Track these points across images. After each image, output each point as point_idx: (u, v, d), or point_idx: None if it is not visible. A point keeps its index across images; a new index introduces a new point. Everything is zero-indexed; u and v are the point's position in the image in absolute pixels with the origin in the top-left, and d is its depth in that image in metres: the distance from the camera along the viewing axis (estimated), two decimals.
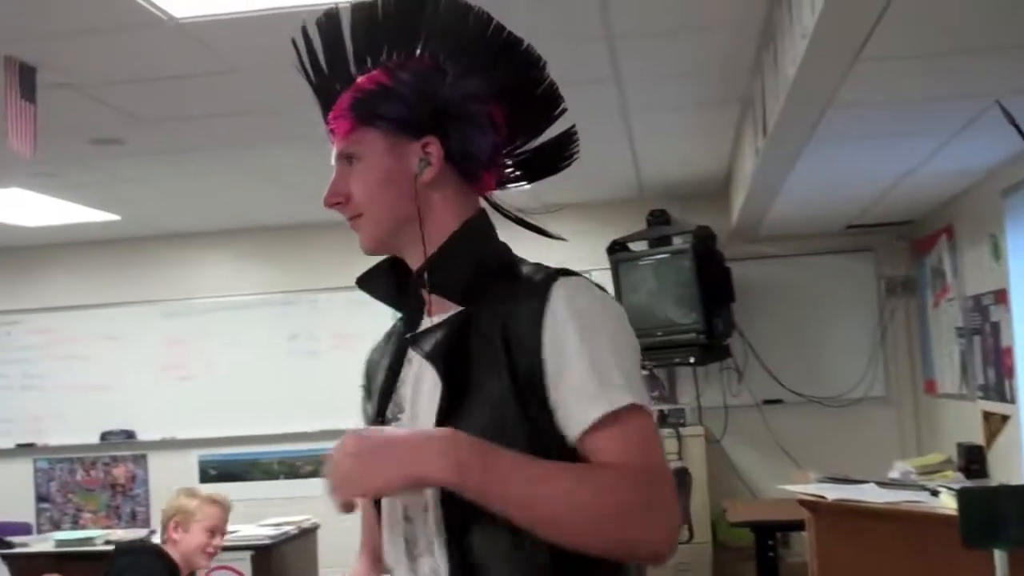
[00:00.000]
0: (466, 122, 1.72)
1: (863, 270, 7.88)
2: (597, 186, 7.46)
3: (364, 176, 1.74)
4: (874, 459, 6.68)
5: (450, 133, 1.71)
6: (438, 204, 1.74)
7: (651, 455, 1.55)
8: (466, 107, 1.71)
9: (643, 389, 1.59)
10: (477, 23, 1.75)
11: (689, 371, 7.84)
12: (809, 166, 5.14)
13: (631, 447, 1.54)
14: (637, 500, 1.50)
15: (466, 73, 1.72)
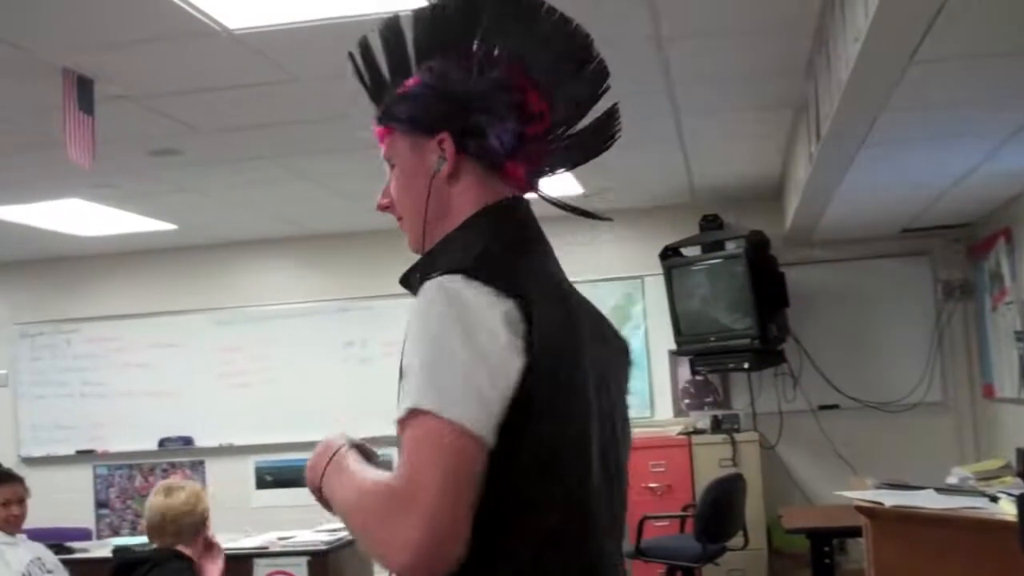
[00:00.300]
0: (485, 113, 1.68)
1: (919, 274, 7.80)
2: (649, 191, 7.46)
3: (397, 178, 1.77)
4: (932, 465, 6.60)
5: (466, 126, 1.69)
6: (457, 198, 1.71)
7: (411, 467, 1.44)
8: (490, 98, 1.68)
9: (442, 389, 1.45)
10: (529, 8, 1.73)
11: (743, 377, 7.80)
12: (863, 170, 5.10)
13: (402, 457, 1.46)
14: (372, 521, 1.48)
15: (508, 60, 1.70)
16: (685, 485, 7.28)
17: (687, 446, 7.37)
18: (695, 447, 7.37)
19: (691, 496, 7.10)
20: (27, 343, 8.85)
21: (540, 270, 1.67)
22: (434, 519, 1.40)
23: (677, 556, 6.49)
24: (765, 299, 7.11)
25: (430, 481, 1.41)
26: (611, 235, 8.02)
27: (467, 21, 1.73)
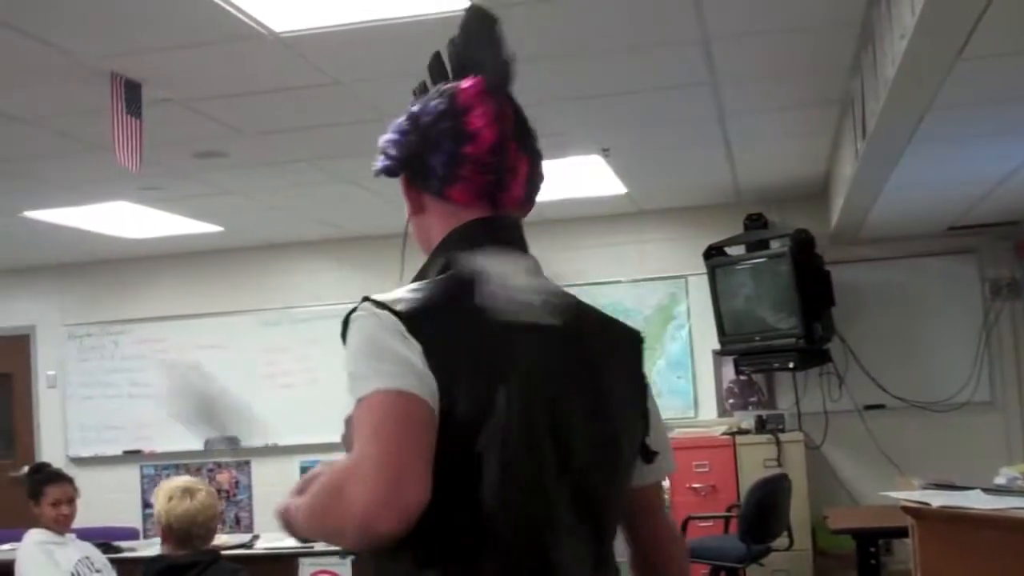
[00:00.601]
0: (424, 145, 1.79)
1: (966, 272, 7.72)
2: (694, 191, 7.45)
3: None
4: (980, 465, 6.53)
5: (416, 162, 1.81)
6: (431, 231, 1.86)
7: (353, 450, 1.54)
8: (430, 130, 1.78)
9: (365, 376, 1.57)
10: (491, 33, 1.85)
11: (788, 376, 7.76)
12: (910, 167, 5.06)
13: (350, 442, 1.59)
14: (317, 505, 1.59)
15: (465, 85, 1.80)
16: (730, 485, 7.25)
17: (731, 446, 7.34)
18: (739, 447, 7.34)
19: (735, 496, 7.08)
20: (75, 344, 8.96)
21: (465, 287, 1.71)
22: (358, 494, 1.46)
23: (721, 556, 6.47)
24: (810, 298, 7.06)
25: (367, 442, 1.51)
26: (656, 235, 8.02)
27: (440, 62, 1.89)
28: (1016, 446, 7.59)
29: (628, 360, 1.82)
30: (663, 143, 6.07)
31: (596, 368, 1.74)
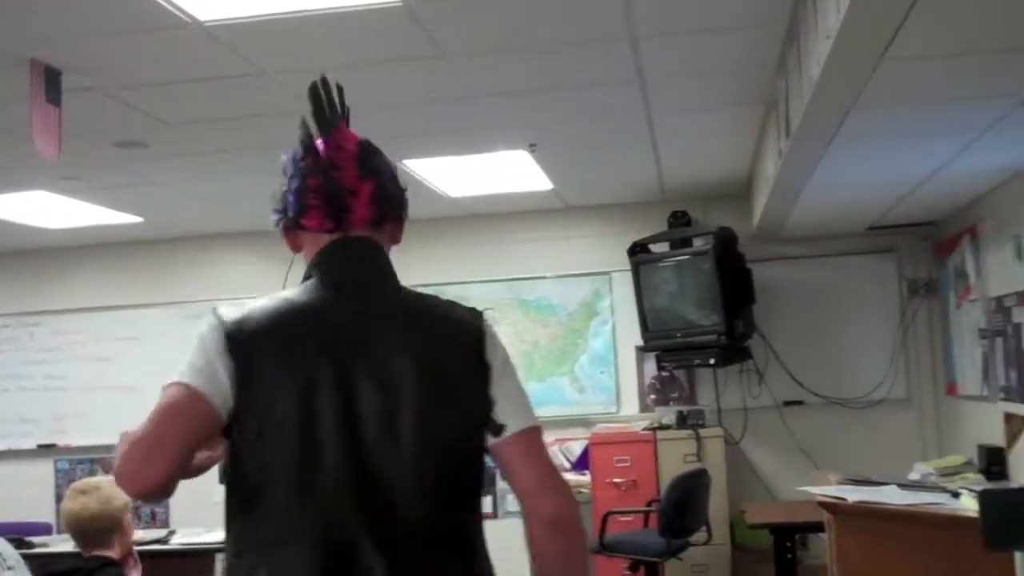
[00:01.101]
0: (284, 192, 2.26)
1: (885, 271, 7.86)
2: (619, 187, 7.48)
3: None
4: (895, 461, 6.66)
5: (283, 207, 2.28)
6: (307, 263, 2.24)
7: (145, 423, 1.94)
8: (288, 171, 2.27)
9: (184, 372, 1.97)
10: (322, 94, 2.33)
11: (709, 372, 7.84)
12: (832, 167, 5.13)
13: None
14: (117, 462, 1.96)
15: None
16: (650, 480, 7.30)
17: (652, 441, 7.39)
18: (660, 442, 7.40)
19: (656, 491, 7.13)
20: None
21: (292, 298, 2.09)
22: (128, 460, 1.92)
23: (641, 551, 6.52)
24: (732, 295, 7.14)
25: (145, 422, 1.94)
26: (581, 231, 8.05)
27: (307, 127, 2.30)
28: (930, 442, 7.74)
29: (462, 347, 2.08)
30: (590, 140, 6.09)
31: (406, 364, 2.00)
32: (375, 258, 2.16)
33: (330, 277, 2.11)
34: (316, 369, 1.94)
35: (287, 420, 1.92)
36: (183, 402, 1.93)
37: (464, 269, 8.13)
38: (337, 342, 1.99)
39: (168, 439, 1.91)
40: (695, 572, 7.14)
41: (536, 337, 8.06)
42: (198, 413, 1.92)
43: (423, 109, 5.07)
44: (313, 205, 2.15)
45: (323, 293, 2.08)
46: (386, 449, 1.95)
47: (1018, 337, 5.80)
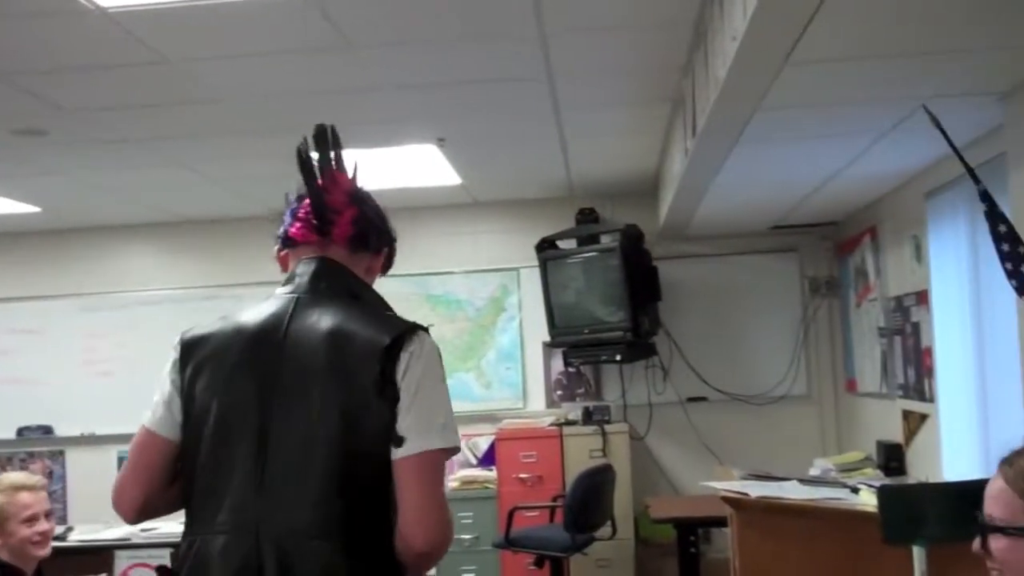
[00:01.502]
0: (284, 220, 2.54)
1: (787, 270, 7.98)
2: (527, 184, 7.49)
3: None
4: (796, 456, 6.77)
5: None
6: None
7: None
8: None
9: (146, 415, 2.39)
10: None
11: (615, 369, 7.88)
12: (737, 167, 5.19)
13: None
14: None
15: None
16: (555, 476, 7.32)
17: (558, 437, 7.42)
18: (566, 438, 7.42)
19: (561, 487, 7.15)
20: None
21: (240, 312, 2.38)
22: (117, 481, 2.35)
23: (546, 546, 6.54)
24: (638, 292, 7.18)
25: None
26: (490, 226, 8.03)
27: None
28: (830, 438, 7.88)
29: (372, 365, 2.18)
30: (498, 135, 6.08)
31: (317, 372, 2.21)
32: (336, 277, 2.40)
33: (287, 290, 2.38)
34: (238, 382, 2.25)
35: (209, 426, 2.24)
36: (143, 441, 2.35)
37: None
38: (263, 356, 2.26)
39: (138, 470, 2.33)
40: (599, 567, 7.18)
41: (443, 332, 8.03)
42: (156, 448, 2.32)
43: (329, 100, 5.01)
44: (301, 217, 2.46)
45: (271, 308, 2.34)
46: (288, 447, 2.18)
47: (916, 336, 5.93)
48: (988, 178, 3.97)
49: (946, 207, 5.46)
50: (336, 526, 2.13)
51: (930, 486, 4.77)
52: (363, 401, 2.16)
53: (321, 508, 2.13)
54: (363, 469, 2.16)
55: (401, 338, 2.22)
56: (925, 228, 5.73)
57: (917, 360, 5.93)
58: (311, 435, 2.16)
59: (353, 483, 2.15)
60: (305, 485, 2.14)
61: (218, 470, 2.21)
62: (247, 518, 2.15)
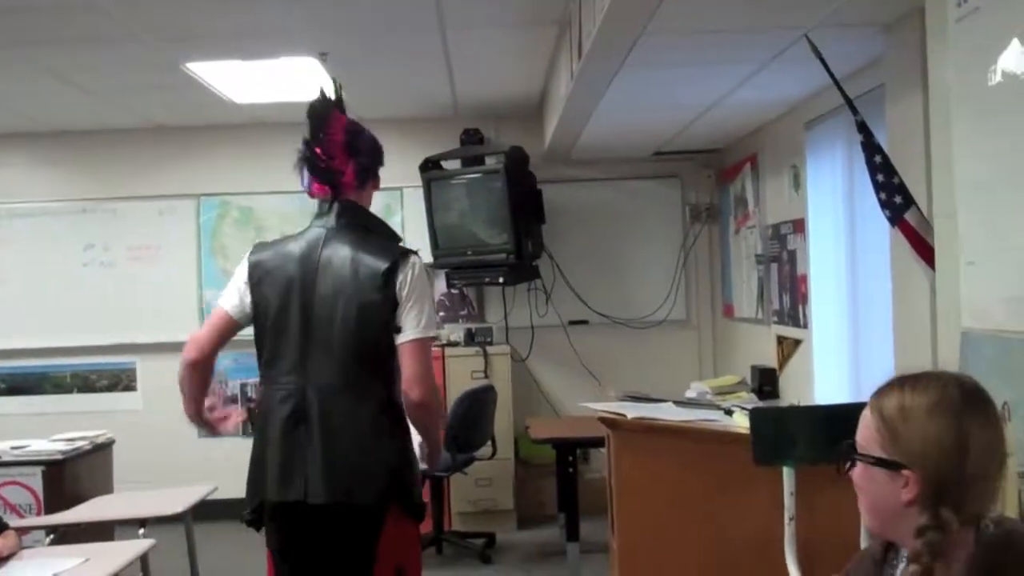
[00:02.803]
0: None
1: (669, 196, 8.05)
2: (411, 102, 7.38)
3: None
4: (673, 380, 6.89)
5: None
6: None
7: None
8: None
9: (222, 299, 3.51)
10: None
11: (498, 291, 7.90)
12: (621, 90, 5.19)
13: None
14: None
15: None
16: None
17: (440, 358, 7.42)
18: (448, 359, 7.43)
19: (443, 407, 7.17)
20: None
21: (290, 240, 3.52)
22: (195, 339, 3.48)
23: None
24: (522, 215, 7.17)
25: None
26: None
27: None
28: (707, 363, 8.04)
29: (377, 279, 3.32)
30: (383, 51, 5.96)
31: (341, 285, 3.35)
32: (352, 215, 3.48)
33: (319, 223, 3.49)
34: (290, 289, 3.37)
35: (271, 318, 3.38)
36: (220, 315, 3.48)
37: (255, 180, 7.90)
38: (305, 272, 3.38)
39: (212, 332, 3.47)
40: (479, 486, 7.25)
41: None
42: (225, 322, 3.47)
43: (210, 9, 4.84)
44: (317, 185, 3.54)
45: (309, 238, 3.46)
46: (323, 333, 3.32)
47: (792, 263, 6.04)
48: (866, 110, 4.03)
49: (824, 137, 5.54)
50: (354, 384, 3.30)
51: (800, 409, 4.88)
52: (371, 304, 3.30)
53: (344, 372, 3.30)
54: (371, 348, 3.31)
55: (396, 262, 3.33)
56: (804, 158, 5.82)
57: (792, 287, 6.05)
58: (337, 325, 3.30)
59: (365, 356, 3.31)
60: (333, 357, 3.30)
61: (278, 347, 3.36)
62: (297, 379, 3.32)
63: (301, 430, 3.26)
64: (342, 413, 3.26)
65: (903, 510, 1.77)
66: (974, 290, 2.83)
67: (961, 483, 1.73)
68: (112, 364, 7.94)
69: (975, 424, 1.74)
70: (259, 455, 3.34)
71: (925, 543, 1.72)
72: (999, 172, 2.69)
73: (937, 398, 1.76)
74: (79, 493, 5.41)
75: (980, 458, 1.73)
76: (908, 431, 1.76)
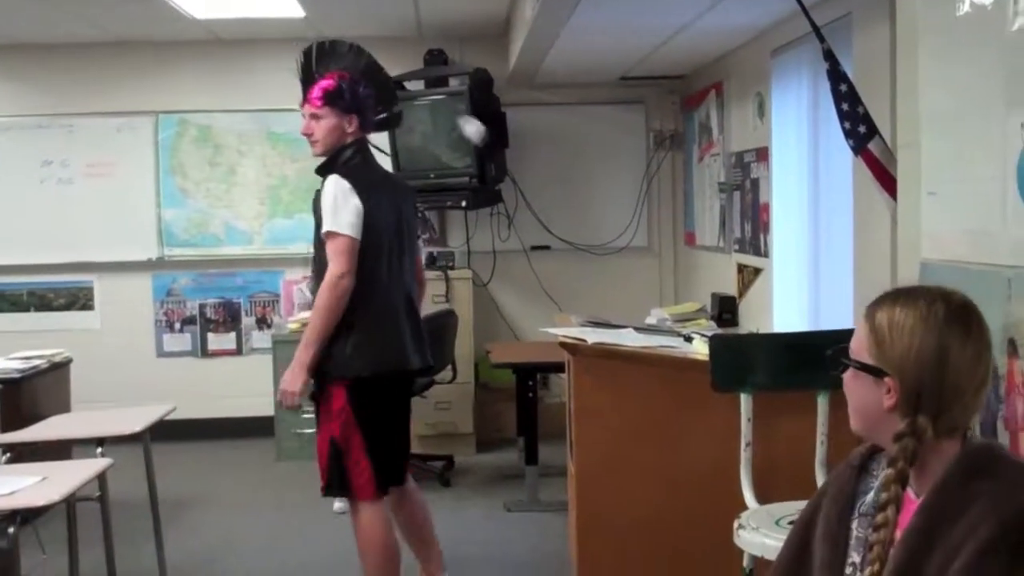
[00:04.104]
0: (368, 109, 4.25)
1: (634, 122, 8.02)
2: (375, 21, 7.26)
3: (322, 126, 4.20)
4: (634, 306, 6.91)
5: (363, 114, 4.23)
6: (349, 139, 4.23)
7: (333, 263, 4.01)
8: (368, 102, 4.25)
9: (343, 224, 4.01)
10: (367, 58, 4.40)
11: (460, 215, 7.87)
12: (587, 13, 5.13)
13: (329, 256, 4.03)
14: (324, 300, 4.03)
15: (365, 85, 4.26)
16: None
17: None
18: None
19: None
20: None
21: (369, 170, 4.26)
22: (344, 267, 3.99)
23: None
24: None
25: (343, 256, 3.99)
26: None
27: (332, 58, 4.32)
28: (667, 290, 8.07)
29: (411, 198, 4.45)
30: None
31: (403, 200, 4.34)
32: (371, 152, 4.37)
33: (370, 155, 4.32)
34: (392, 210, 4.18)
35: (379, 233, 4.09)
36: (353, 244, 4.01)
37: (210, 97, 7.79)
38: (396, 195, 4.30)
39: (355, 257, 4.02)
40: (439, 409, 7.27)
41: (285, 172, 7.86)
42: (356, 245, 4.03)
43: None
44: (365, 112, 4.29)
45: (380, 169, 4.43)
46: (409, 249, 4.31)
47: (755, 192, 6.05)
48: (833, 38, 4.01)
49: (790, 66, 5.52)
50: (414, 281, 4.33)
51: (758, 337, 4.93)
52: (414, 220, 4.47)
53: (411, 274, 4.31)
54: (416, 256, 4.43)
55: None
56: (769, 86, 5.80)
57: (754, 216, 6.07)
58: (411, 239, 4.35)
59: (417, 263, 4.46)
60: (409, 263, 4.30)
61: (386, 257, 4.12)
62: (395, 277, 4.17)
63: (412, 314, 4.24)
64: (414, 301, 4.32)
65: (885, 415, 1.86)
66: (935, 221, 2.84)
67: (940, 394, 1.82)
68: (69, 282, 7.86)
69: (956, 339, 1.82)
70: (389, 333, 4.12)
71: (901, 448, 1.82)
72: (964, 103, 2.69)
73: (922, 312, 1.84)
74: (36, 412, 5.38)
75: (960, 371, 1.82)
76: (893, 342, 1.85)
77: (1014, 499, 1.73)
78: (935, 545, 1.75)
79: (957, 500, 1.76)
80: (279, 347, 7.23)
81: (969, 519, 1.72)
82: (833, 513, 1.99)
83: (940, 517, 1.77)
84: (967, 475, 1.79)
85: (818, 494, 2.09)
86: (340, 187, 4.01)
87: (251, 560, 5.32)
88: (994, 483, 1.76)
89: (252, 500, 6.39)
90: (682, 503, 4.06)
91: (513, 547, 5.46)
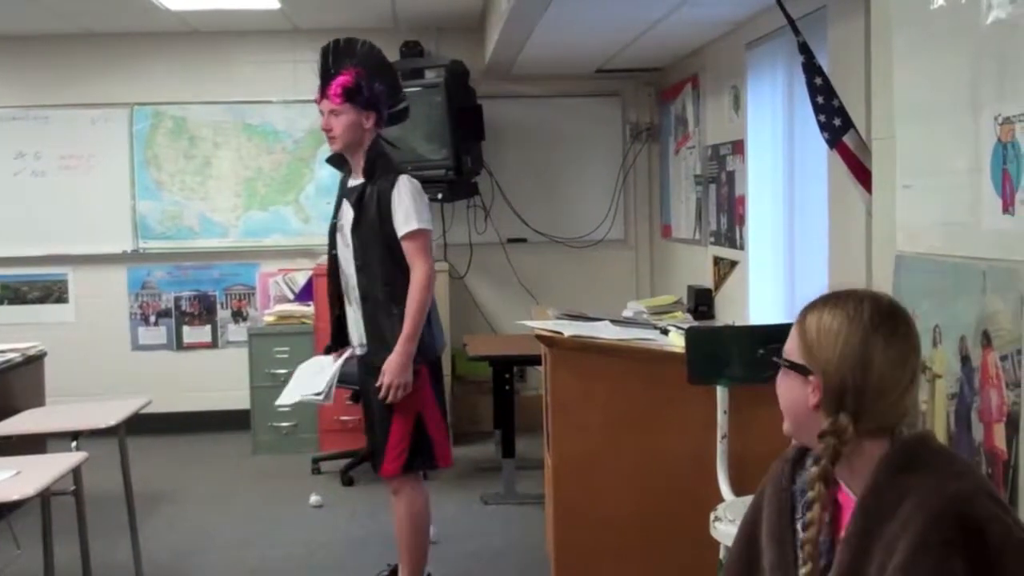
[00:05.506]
0: (382, 105, 4.31)
1: (610, 114, 8.02)
2: (350, 13, 7.23)
3: (341, 121, 4.24)
4: (611, 299, 6.93)
5: (379, 110, 4.31)
6: (368, 135, 4.28)
7: (423, 260, 4.19)
8: (382, 98, 4.30)
9: (426, 220, 4.22)
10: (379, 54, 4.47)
11: (436, 207, 7.82)
12: (564, 5, 5.13)
13: (415, 253, 4.19)
14: (422, 296, 4.23)
15: (379, 81, 4.33)
16: None
17: None
18: None
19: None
20: None
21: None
22: (431, 262, 4.27)
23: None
24: (461, 131, 7.11)
25: (429, 253, 4.26)
26: (310, 55, 7.69)
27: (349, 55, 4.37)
28: (644, 282, 8.09)
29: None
30: None
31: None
32: None
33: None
34: None
35: None
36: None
37: (185, 89, 7.75)
38: None
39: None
40: None
41: (260, 164, 7.83)
42: None
43: None
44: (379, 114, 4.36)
45: None
46: None
47: (731, 185, 6.06)
48: (808, 31, 4.02)
49: (765, 59, 5.53)
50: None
51: (734, 329, 4.93)
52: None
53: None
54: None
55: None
56: (744, 79, 5.81)
57: (730, 208, 6.08)
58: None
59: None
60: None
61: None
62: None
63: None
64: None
65: (811, 414, 1.89)
66: (909, 213, 2.86)
67: (863, 393, 1.84)
68: (43, 275, 7.81)
69: (880, 340, 1.84)
70: (435, 317, 4.45)
71: (824, 446, 1.85)
72: (938, 96, 2.70)
73: (849, 313, 1.87)
74: (10, 405, 5.34)
75: (884, 373, 1.84)
76: (820, 342, 1.88)
77: (941, 490, 1.74)
78: (874, 545, 1.77)
79: (889, 497, 1.78)
80: (255, 340, 7.22)
81: (902, 515, 1.74)
82: (774, 511, 2.01)
83: (876, 516, 1.79)
84: (897, 471, 1.81)
85: (759, 491, 2.10)
86: (415, 186, 4.20)
87: (227, 554, 5.30)
88: (923, 476, 1.78)
89: (228, 494, 6.37)
90: (659, 495, 4.07)
91: (490, 540, 5.47)
